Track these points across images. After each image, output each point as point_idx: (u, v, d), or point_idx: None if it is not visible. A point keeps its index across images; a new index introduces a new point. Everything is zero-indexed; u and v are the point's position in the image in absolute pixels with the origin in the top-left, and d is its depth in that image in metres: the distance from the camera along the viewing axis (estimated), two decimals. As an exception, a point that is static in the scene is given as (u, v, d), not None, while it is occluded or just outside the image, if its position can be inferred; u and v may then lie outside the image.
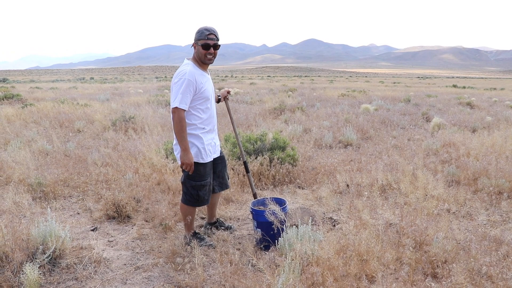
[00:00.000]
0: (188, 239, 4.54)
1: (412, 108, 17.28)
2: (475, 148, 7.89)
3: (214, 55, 4.32)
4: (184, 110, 4.08)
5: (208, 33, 4.19)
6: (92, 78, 76.59)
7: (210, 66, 4.50)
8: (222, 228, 5.06)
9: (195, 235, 4.64)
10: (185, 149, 4.12)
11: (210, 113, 4.39)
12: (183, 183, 4.48)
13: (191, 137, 4.25)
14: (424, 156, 8.00)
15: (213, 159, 4.55)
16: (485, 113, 15.64)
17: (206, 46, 4.20)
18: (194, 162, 4.27)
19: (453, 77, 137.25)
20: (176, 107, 4.03)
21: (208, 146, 4.38)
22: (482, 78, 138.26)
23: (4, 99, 19.65)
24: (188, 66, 4.18)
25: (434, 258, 3.64)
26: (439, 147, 8.60)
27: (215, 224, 5.09)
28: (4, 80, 55.70)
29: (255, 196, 5.19)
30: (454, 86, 47.09)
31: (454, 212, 5.44)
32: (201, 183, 4.40)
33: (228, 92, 5.12)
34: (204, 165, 4.38)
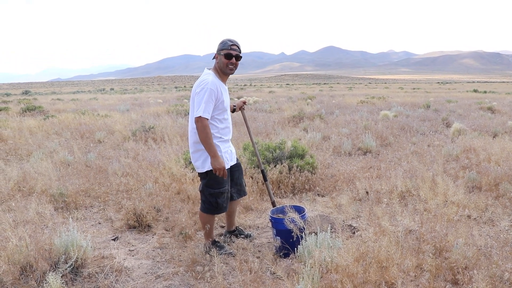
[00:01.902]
0: (207, 247, 4.57)
1: (432, 113, 17.13)
2: (496, 153, 7.79)
3: (236, 66, 4.41)
4: (207, 119, 4.13)
5: (231, 43, 4.29)
6: (112, 89, 77.38)
7: (229, 75, 4.55)
8: (242, 236, 5.10)
9: (215, 243, 4.66)
10: (214, 155, 4.18)
11: (226, 123, 4.45)
12: (201, 191, 4.53)
13: (205, 152, 4.29)
14: (444, 162, 7.92)
15: (230, 166, 4.61)
16: (506, 117, 15.43)
17: (229, 56, 4.28)
18: (210, 171, 4.32)
19: (473, 82, 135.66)
20: (200, 116, 4.08)
21: (225, 154, 4.44)
22: (503, 82, 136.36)
23: (27, 111, 19.97)
24: (210, 76, 4.24)
25: (455, 264, 3.61)
26: (459, 153, 8.52)
27: (234, 232, 5.12)
28: (26, 92, 56.58)
29: (273, 204, 5.20)
30: (475, 91, 46.56)
31: (475, 218, 5.38)
32: (219, 191, 4.44)
33: (244, 103, 5.14)
34: None
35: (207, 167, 4.32)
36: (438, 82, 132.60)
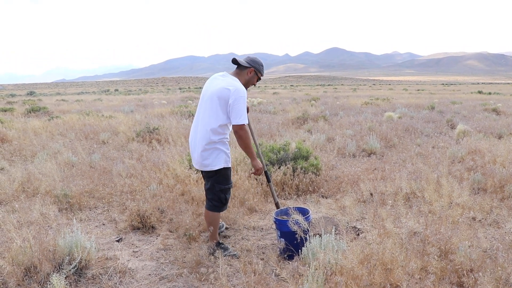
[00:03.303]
0: (212, 249, 4.57)
1: (437, 115, 17.09)
2: (501, 155, 7.76)
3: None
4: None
5: (264, 70, 4.75)
6: (116, 90, 77.59)
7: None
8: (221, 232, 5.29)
9: (219, 244, 4.68)
10: (254, 157, 4.59)
11: (231, 128, 4.57)
12: (210, 189, 4.57)
13: (221, 145, 4.43)
14: (449, 164, 7.89)
15: None
16: (511, 119, 15.38)
17: (259, 79, 4.75)
18: (224, 168, 4.46)
19: (478, 83, 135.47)
20: (244, 124, 4.32)
21: (229, 153, 4.56)
22: (508, 83, 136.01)
23: (31, 111, 20.03)
24: (239, 84, 4.45)
25: (460, 267, 3.59)
26: (464, 155, 8.48)
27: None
28: (31, 93, 56.81)
29: (277, 205, 5.21)
30: (480, 92, 46.46)
31: (480, 220, 5.36)
32: (228, 186, 4.59)
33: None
34: (230, 169, 4.60)
35: (219, 165, 4.42)
36: (443, 84, 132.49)
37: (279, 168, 6.92)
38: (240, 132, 4.34)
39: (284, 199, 6.59)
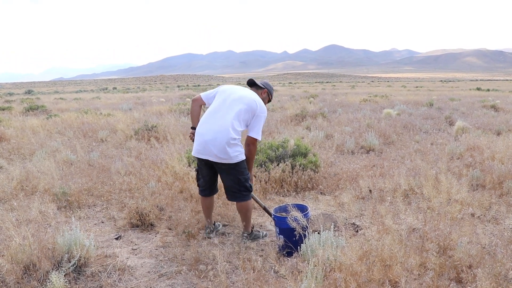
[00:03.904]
0: (253, 236, 5.00)
1: (435, 112, 17.09)
2: (500, 151, 7.76)
3: None
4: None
5: (274, 93, 5.32)
6: (114, 88, 77.46)
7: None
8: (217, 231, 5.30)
9: (253, 230, 5.04)
10: (251, 169, 4.95)
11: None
12: (235, 182, 4.73)
13: (239, 141, 4.64)
14: (448, 160, 7.90)
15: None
16: (510, 115, 15.37)
17: (269, 102, 5.17)
18: (243, 160, 4.71)
19: (476, 80, 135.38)
20: (257, 140, 4.73)
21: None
22: (507, 80, 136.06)
23: (30, 110, 19.99)
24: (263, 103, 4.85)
25: (459, 263, 3.59)
26: (462, 151, 8.49)
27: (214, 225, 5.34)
28: (29, 92, 56.66)
29: (266, 210, 5.28)
30: (478, 89, 46.47)
31: (478, 216, 5.36)
32: (249, 175, 4.84)
33: None
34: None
35: (240, 157, 4.65)
36: (441, 80, 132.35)
37: (277, 165, 6.92)
38: (252, 145, 4.72)
39: (282, 196, 6.60)
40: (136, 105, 23.63)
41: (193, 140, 4.98)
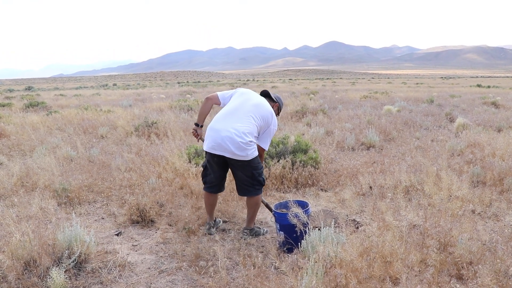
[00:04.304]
0: (254, 232, 5.00)
1: (436, 108, 17.07)
2: (500, 148, 7.75)
3: None
4: None
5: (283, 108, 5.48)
6: (115, 85, 77.48)
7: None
8: (218, 227, 5.33)
9: (254, 227, 5.04)
10: None
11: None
12: (249, 177, 4.77)
13: (254, 143, 4.71)
14: (448, 157, 7.89)
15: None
16: (510, 112, 15.36)
17: (277, 115, 5.14)
18: (256, 156, 4.77)
19: (477, 77, 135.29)
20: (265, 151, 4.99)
21: None
22: (507, 77, 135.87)
23: (30, 106, 19.98)
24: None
25: (459, 259, 3.59)
26: (463, 148, 8.48)
27: (215, 221, 5.34)
28: (29, 88, 56.61)
29: (267, 206, 5.32)
30: (478, 85, 46.41)
31: (479, 213, 5.36)
32: (262, 168, 4.94)
33: None
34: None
35: (256, 153, 4.72)
36: (442, 77, 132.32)
37: (278, 161, 6.91)
38: (260, 157, 4.91)
39: (283, 192, 6.59)
40: (136, 102, 23.61)
41: (195, 136, 5.07)
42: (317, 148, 7.90)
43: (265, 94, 5.12)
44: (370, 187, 6.36)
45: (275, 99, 5.15)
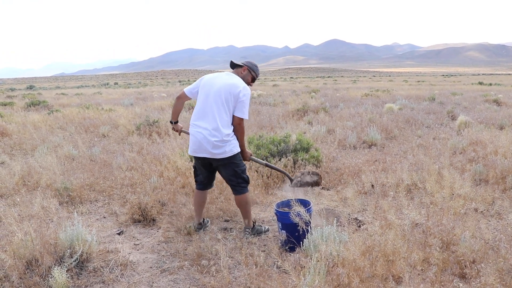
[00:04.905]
0: (256, 231, 4.99)
1: (437, 106, 17.04)
2: (503, 146, 7.73)
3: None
4: None
5: (259, 74, 5.10)
6: (116, 83, 77.50)
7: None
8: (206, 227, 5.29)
9: (255, 225, 5.03)
10: (244, 148, 4.91)
11: None
12: (232, 175, 4.79)
13: (232, 135, 4.69)
14: (450, 155, 7.88)
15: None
16: (512, 110, 15.34)
17: (253, 80, 5.02)
18: (238, 152, 4.77)
19: (479, 74, 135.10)
20: (244, 119, 4.70)
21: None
22: (509, 74, 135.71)
23: (31, 105, 19.99)
24: (244, 82, 4.79)
25: (462, 258, 3.58)
26: (465, 146, 8.46)
27: (204, 222, 5.30)
28: (31, 87, 56.67)
29: (290, 178, 5.44)
30: (480, 83, 46.37)
31: (482, 211, 5.34)
32: (245, 166, 4.93)
33: None
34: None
35: (235, 149, 4.70)
36: (443, 75, 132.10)
37: (279, 160, 6.91)
38: (239, 125, 4.69)
39: (285, 191, 6.58)
40: (138, 100, 23.62)
41: (176, 131, 5.52)
42: (318, 147, 7.89)
43: (232, 65, 5.05)
44: (372, 186, 6.35)
45: (242, 63, 4.97)
